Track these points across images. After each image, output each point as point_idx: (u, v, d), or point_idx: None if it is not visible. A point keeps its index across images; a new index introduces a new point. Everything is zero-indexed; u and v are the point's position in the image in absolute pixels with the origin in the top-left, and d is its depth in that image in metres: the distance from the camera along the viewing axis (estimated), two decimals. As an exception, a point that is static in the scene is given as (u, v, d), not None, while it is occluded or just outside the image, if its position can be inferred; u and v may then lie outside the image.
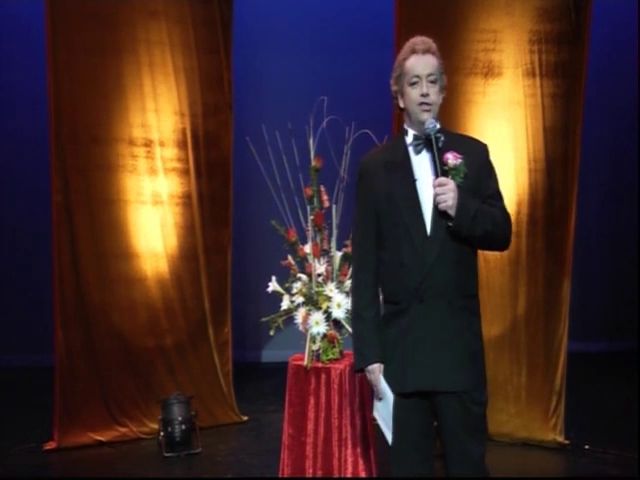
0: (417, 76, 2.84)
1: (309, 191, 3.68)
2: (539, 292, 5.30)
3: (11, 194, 7.36)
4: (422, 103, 2.83)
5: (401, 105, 2.91)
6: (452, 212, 2.74)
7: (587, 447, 5.12)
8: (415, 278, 2.82)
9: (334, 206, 3.67)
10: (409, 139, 2.89)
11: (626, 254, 7.72)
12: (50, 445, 5.18)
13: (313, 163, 3.67)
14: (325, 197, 3.71)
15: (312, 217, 3.68)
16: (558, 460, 5.02)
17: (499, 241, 2.92)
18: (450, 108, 5.00)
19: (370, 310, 2.95)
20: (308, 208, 3.68)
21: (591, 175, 7.18)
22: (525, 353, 5.25)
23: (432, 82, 2.85)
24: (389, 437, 2.91)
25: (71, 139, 5.32)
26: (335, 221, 3.66)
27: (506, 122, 5.24)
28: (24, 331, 7.23)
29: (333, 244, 3.67)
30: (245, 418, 5.89)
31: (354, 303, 3.01)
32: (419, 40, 2.90)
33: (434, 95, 2.85)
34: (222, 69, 5.80)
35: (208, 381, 5.82)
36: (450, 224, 2.76)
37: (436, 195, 2.75)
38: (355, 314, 3.01)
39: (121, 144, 5.49)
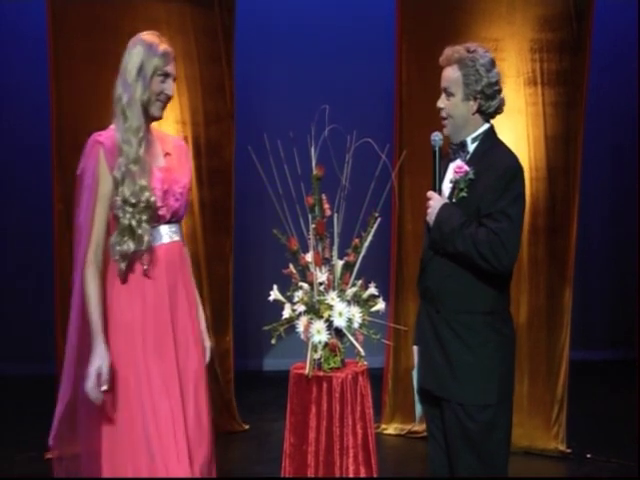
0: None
1: (311, 200, 3.68)
2: (541, 300, 5.30)
3: (12, 202, 7.36)
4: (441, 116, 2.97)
5: None
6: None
7: (589, 456, 5.12)
8: (418, 276, 3.05)
9: (336, 215, 3.66)
10: None
11: (628, 262, 7.70)
12: (51, 454, 5.16)
13: (315, 172, 3.66)
14: (327, 206, 3.70)
15: (314, 226, 3.67)
16: (560, 469, 5.02)
17: (478, 263, 2.78)
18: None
19: None
20: (310, 217, 3.67)
21: (593, 183, 7.18)
22: (527, 361, 5.24)
23: (448, 95, 2.92)
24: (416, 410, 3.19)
25: (73, 147, 5.30)
26: (337, 230, 3.65)
27: (508, 130, 5.23)
28: (25, 340, 7.21)
29: (335, 253, 3.66)
30: (247, 427, 5.88)
31: None
32: (444, 52, 2.96)
33: (449, 108, 2.92)
34: (224, 78, 5.80)
35: (210, 389, 5.79)
36: None
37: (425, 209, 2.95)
38: None
39: (123, 152, 5.48)
